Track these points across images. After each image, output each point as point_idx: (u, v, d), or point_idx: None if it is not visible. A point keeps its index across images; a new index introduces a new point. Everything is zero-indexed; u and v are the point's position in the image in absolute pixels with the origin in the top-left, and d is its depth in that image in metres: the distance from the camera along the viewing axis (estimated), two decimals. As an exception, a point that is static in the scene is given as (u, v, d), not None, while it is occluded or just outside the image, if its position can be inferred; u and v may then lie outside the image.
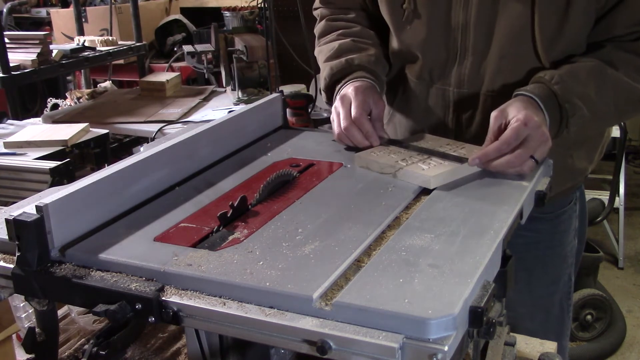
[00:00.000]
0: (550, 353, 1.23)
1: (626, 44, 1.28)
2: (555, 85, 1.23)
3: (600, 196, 3.51)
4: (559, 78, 1.24)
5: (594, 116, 1.27)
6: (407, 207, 1.08)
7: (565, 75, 1.25)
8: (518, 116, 1.16)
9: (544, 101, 1.22)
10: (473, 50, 1.36)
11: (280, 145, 1.41)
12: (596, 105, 1.26)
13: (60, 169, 1.97)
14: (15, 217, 0.91)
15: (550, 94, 1.23)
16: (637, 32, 1.27)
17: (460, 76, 1.39)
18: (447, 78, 1.41)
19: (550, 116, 1.22)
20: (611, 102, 1.27)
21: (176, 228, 1.03)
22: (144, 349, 1.18)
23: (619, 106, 1.29)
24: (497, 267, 0.93)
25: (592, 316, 3.00)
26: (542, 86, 1.24)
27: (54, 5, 5.72)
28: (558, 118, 1.24)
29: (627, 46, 1.28)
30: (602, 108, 1.27)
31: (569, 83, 1.24)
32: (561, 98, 1.23)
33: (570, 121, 1.24)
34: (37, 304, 0.98)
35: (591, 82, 1.25)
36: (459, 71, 1.39)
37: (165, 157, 1.18)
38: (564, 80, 1.24)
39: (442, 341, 0.74)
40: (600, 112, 1.28)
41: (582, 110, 1.24)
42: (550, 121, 1.22)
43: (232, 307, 0.82)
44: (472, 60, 1.36)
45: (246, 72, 3.27)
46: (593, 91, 1.25)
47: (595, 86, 1.25)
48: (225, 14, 4.12)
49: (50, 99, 3.76)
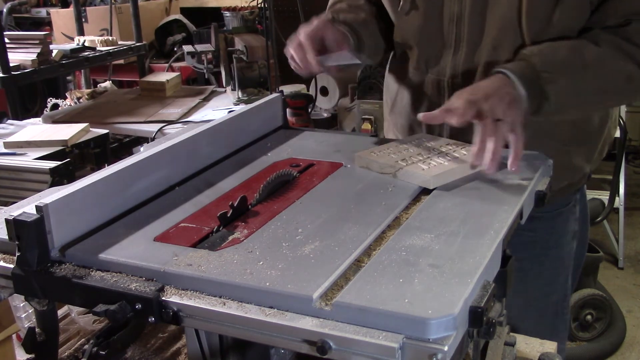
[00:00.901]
0: (550, 353, 1.23)
1: (614, 29, 1.29)
2: (534, 58, 1.24)
3: (600, 196, 3.51)
4: (538, 50, 1.26)
5: (575, 90, 1.27)
6: (407, 207, 1.08)
7: (545, 48, 1.27)
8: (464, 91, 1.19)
9: (518, 74, 1.22)
10: (467, 41, 1.37)
11: (280, 145, 1.41)
12: (576, 79, 1.26)
13: (60, 169, 1.97)
14: (15, 217, 0.91)
15: (528, 66, 1.24)
16: (628, 20, 1.28)
17: (455, 67, 1.40)
18: (443, 68, 1.42)
19: (527, 87, 1.21)
20: (593, 78, 1.27)
21: (176, 228, 1.03)
22: (144, 349, 1.18)
23: (603, 84, 1.29)
24: (497, 267, 0.93)
25: (592, 316, 3.00)
26: (520, 62, 1.26)
27: (54, 5, 5.72)
28: (538, 89, 1.23)
29: (614, 30, 1.29)
30: (583, 83, 1.27)
31: (548, 55, 1.25)
32: (539, 67, 1.23)
33: (548, 90, 1.23)
34: (37, 304, 0.98)
35: (571, 56, 1.26)
36: (453, 62, 1.40)
37: (165, 157, 1.18)
38: (542, 53, 1.25)
39: (442, 341, 0.74)
40: (582, 87, 1.27)
41: (560, 81, 1.24)
42: (528, 94, 1.21)
43: (232, 307, 0.82)
44: (466, 51, 1.38)
45: (246, 72, 3.27)
46: (573, 64, 1.26)
47: (575, 59, 1.26)
48: (225, 14, 4.13)
49: (50, 99, 3.77)
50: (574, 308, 2.97)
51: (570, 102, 1.28)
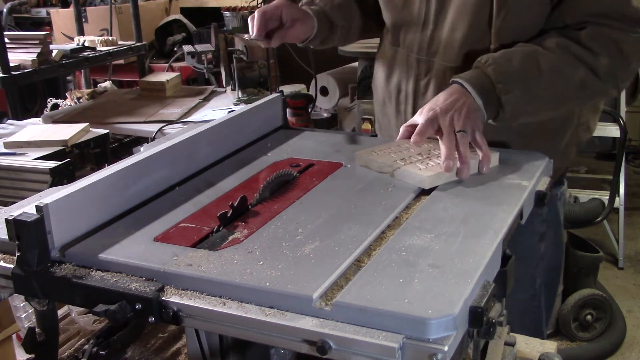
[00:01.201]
0: (550, 353, 1.23)
1: (570, 32, 1.33)
2: (488, 67, 1.29)
3: (600, 196, 3.50)
4: (492, 60, 1.31)
5: (529, 98, 1.31)
6: (407, 207, 1.08)
7: (499, 57, 1.31)
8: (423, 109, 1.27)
9: (473, 84, 1.28)
10: (433, 20, 1.45)
11: (280, 145, 1.41)
12: (530, 87, 1.30)
13: (60, 169, 1.97)
14: (15, 217, 0.91)
15: (484, 76, 1.29)
16: (585, 23, 1.32)
17: (421, 44, 1.49)
18: (411, 44, 1.51)
19: (484, 97, 1.27)
20: (547, 85, 1.31)
21: (176, 228, 1.03)
22: (144, 349, 1.18)
23: (557, 90, 1.33)
24: (497, 267, 0.93)
25: (592, 316, 3.00)
26: (475, 70, 1.31)
27: (54, 5, 5.71)
28: (495, 98, 1.29)
29: (570, 34, 1.33)
30: (537, 91, 1.32)
31: (502, 65, 1.30)
32: (494, 79, 1.28)
33: (503, 100, 1.28)
34: (37, 304, 0.98)
35: (525, 65, 1.30)
36: (420, 38, 1.49)
37: (165, 157, 1.18)
38: (497, 62, 1.30)
39: (442, 341, 0.74)
40: (536, 95, 1.32)
41: (515, 90, 1.29)
42: (484, 103, 1.27)
43: (232, 307, 0.82)
44: (431, 29, 1.46)
45: (246, 72, 3.27)
46: (527, 73, 1.30)
47: (529, 68, 1.30)
48: (225, 14, 4.12)
49: (50, 99, 3.76)
50: (574, 308, 2.97)
51: (525, 110, 1.33)
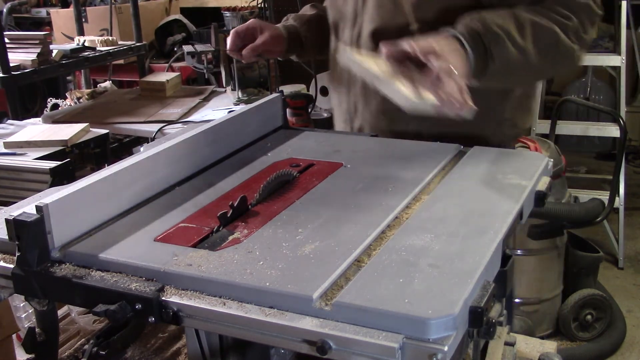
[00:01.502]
0: (550, 353, 1.23)
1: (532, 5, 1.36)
2: (477, 22, 1.30)
3: (600, 196, 3.50)
4: (478, 16, 1.32)
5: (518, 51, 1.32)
6: (407, 207, 1.08)
7: (484, 13, 1.33)
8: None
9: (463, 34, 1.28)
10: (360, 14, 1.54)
11: (280, 145, 1.41)
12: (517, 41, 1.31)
13: (60, 169, 1.97)
14: (15, 217, 0.91)
15: (471, 30, 1.29)
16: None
17: (352, 37, 1.58)
18: (347, 39, 1.60)
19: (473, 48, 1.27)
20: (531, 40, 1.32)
21: (176, 228, 1.03)
22: (144, 349, 1.18)
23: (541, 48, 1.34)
24: (497, 267, 0.93)
25: (592, 316, 3.00)
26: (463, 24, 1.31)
27: (54, 5, 5.71)
28: (482, 50, 1.28)
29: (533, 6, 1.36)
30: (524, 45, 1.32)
31: (488, 18, 1.31)
32: (482, 30, 1.29)
33: (493, 51, 1.29)
34: (37, 304, 0.98)
35: (509, 20, 1.32)
36: (351, 33, 1.58)
37: (165, 157, 1.18)
38: (483, 17, 1.31)
39: (442, 341, 0.74)
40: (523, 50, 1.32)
41: (505, 41, 1.30)
42: (474, 54, 1.27)
43: (232, 307, 0.82)
44: (359, 23, 1.55)
45: (246, 72, 3.27)
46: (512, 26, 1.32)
47: (513, 23, 1.32)
48: (225, 14, 4.12)
49: (50, 99, 3.76)
50: (574, 308, 2.97)
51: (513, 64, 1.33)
